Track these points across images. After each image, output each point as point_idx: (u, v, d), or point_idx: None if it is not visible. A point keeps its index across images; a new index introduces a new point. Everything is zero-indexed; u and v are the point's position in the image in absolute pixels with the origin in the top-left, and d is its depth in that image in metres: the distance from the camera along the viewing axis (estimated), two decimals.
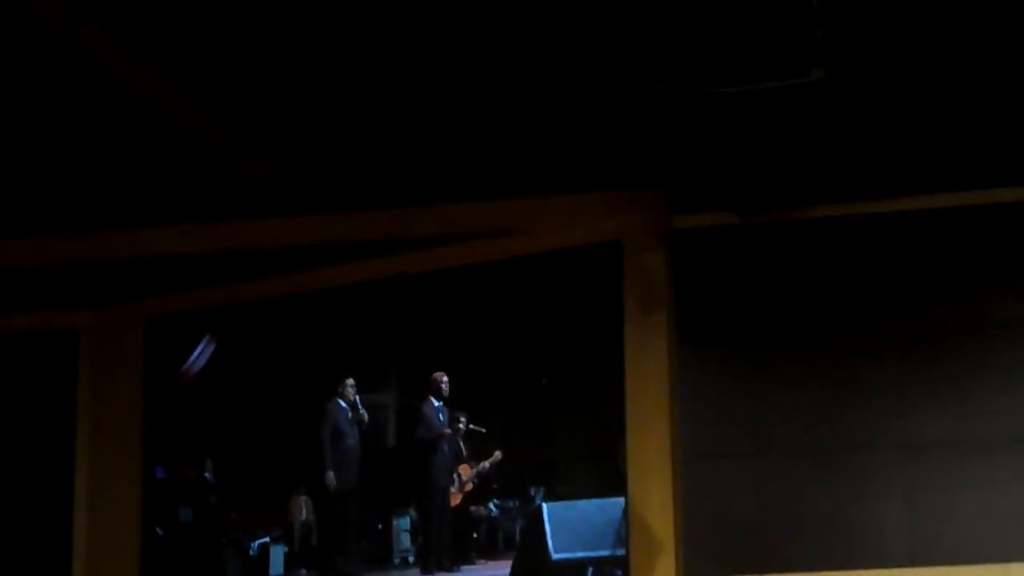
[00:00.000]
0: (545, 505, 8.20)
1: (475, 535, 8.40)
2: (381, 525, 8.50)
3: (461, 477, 8.39)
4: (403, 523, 8.48)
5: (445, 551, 8.39)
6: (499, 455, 8.33)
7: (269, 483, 8.63)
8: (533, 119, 7.72)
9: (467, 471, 8.39)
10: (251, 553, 8.60)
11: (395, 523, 8.48)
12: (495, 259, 8.25)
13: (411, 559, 8.43)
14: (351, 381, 8.48)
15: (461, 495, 8.40)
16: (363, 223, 8.35)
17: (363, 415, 8.48)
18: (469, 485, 8.39)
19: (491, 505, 8.38)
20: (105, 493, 8.58)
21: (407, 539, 8.46)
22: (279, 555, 8.56)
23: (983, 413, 7.64)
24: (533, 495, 8.28)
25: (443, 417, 8.43)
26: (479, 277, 8.28)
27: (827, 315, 7.87)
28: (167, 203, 8.46)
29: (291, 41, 7.00)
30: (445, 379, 8.42)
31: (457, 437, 8.41)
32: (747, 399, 7.87)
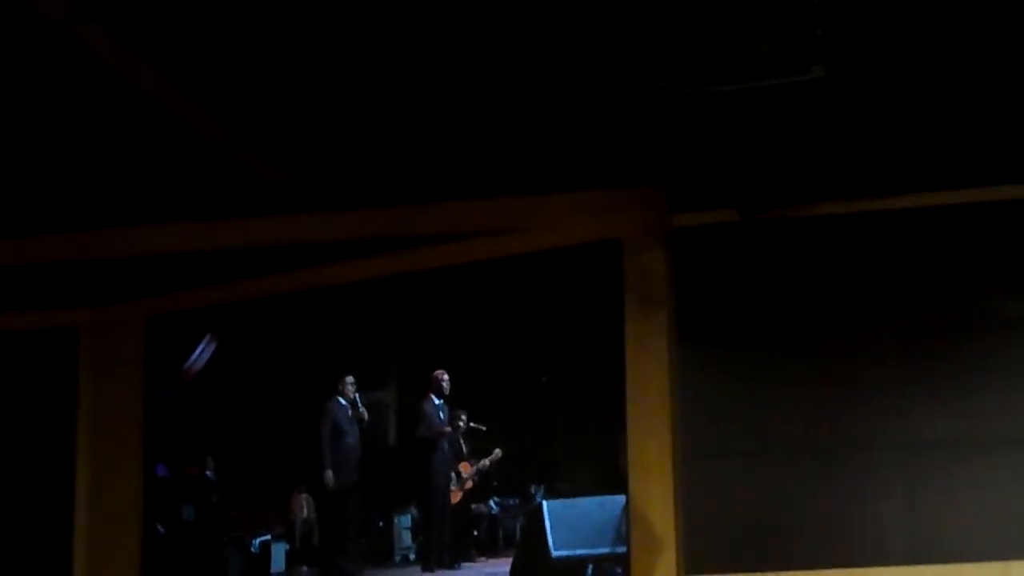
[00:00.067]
0: (545, 503, 8.21)
1: (476, 532, 8.41)
2: (382, 523, 8.50)
3: (461, 475, 8.39)
4: (404, 521, 8.49)
5: (446, 548, 8.39)
6: (499, 453, 8.33)
7: (271, 481, 8.64)
8: (533, 118, 7.71)
9: (467, 469, 8.39)
10: (253, 551, 8.61)
11: (396, 521, 8.49)
12: (495, 257, 8.25)
13: (412, 556, 8.44)
14: (351, 379, 8.48)
15: (461, 493, 8.41)
16: (363, 221, 8.35)
17: (363, 413, 8.48)
18: (469, 483, 8.39)
19: (491, 503, 8.38)
20: (106, 491, 8.60)
21: (408, 537, 8.47)
22: (281, 553, 8.57)
23: (983, 413, 7.64)
24: (533, 493, 8.28)
25: (443, 415, 8.44)
26: (479, 275, 8.29)
27: (827, 314, 7.87)
28: (168, 201, 8.47)
29: (292, 40, 6.99)
30: (446, 377, 8.43)
31: (457, 435, 8.41)
32: (747, 398, 7.87)
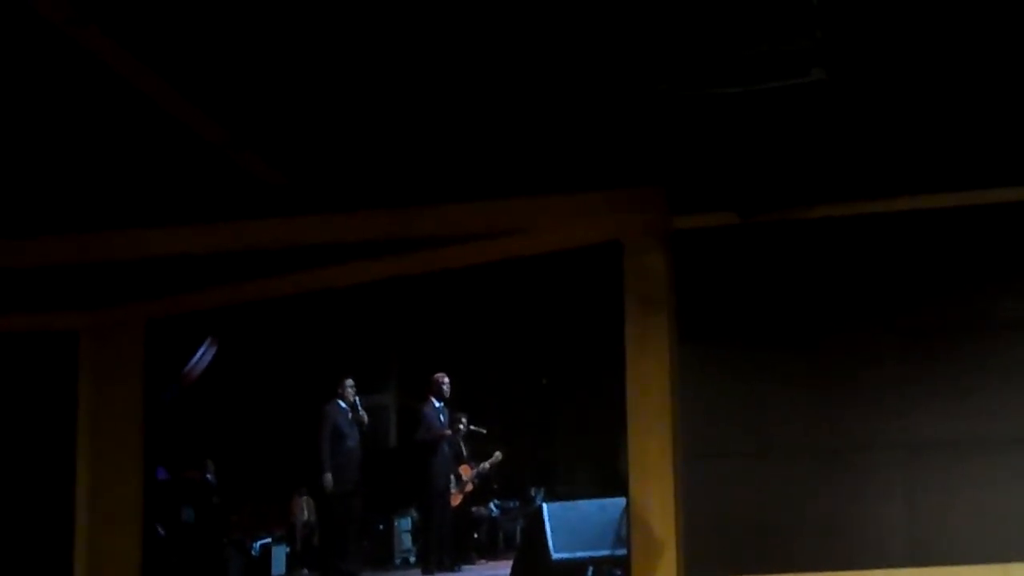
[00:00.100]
0: (545, 505, 8.20)
1: (476, 535, 8.41)
2: (382, 525, 8.50)
3: (462, 478, 8.38)
4: (404, 523, 8.49)
5: (446, 551, 8.39)
6: (499, 456, 8.33)
7: (271, 484, 8.64)
8: (533, 119, 7.69)
9: (467, 472, 8.39)
10: (253, 553, 8.61)
11: (396, 523, 8.49)
12: (495, 259, 8.24)
13: (412, 559, 8.44)
14: (350, 382, 8.48)
15: (462, 495, 8.40)
16: (363, 223, 8.33)
17: (363, 416, 8.47)
18: (469, 486, 8.39)
19: (492, 505, 8.39)
20: (106, 493, 8.58)
21: (408, 539, 8.47)
22: (281, 555, 8.57)
23: (983, 413, 7.61)
24: (533, 495, 8.28)
25: (444, 418, 8.43)
26: (479, 278, 8.27)
27: (827, 315, 7.85)
28: (167, 204, 8.45)
29: (291, 42, 6.97)
30: (446, 380, 8.42)
31: (458, 438, 8.41)
32: (747, 399, 7.85)
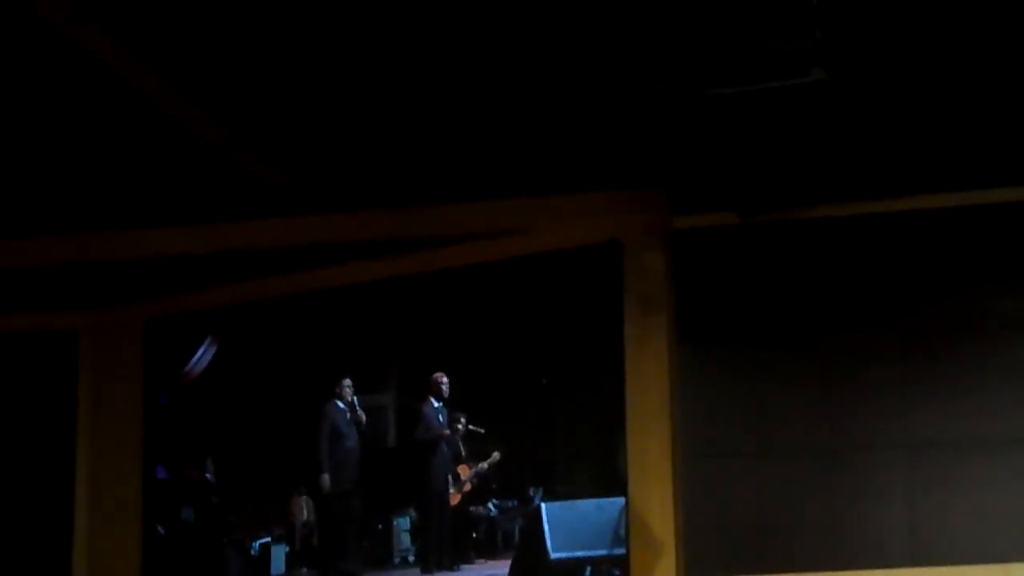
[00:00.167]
0: (544, 505, 8.17)
1: (474, 535, 8.38)
2: (381, 525, 8.48)
3: (460, 477, 8.36)
4: (403, 523, 8.47)
5: (445, 550, 8.37)
6: (497, 456, 8.31)
7: (270, 484, 8.61)
8: (532, 119, 7.67)
9: (466, 471, 8.38)
10: (253, 553, 8.59)
11: (395, 523, 8.47)
12: (495, 259, 8.20)
13: (411, 558, 8.42)
14: (348, 382, 8.45)
15: (460, 495, 8.39)
16: (363, 223, 8.30)
17: (361, 416, 8.44)
18: (468, 485, 8.38)
19: (490, 505, 8.37)
20: (105, 493, 8.55)
21: (407, 539, 8.45)
22: (280, 555, 8.55)
23: (983, 413, 7.57)
24: (532, 495, 8.25)
25: (442, 418, 8.41)
26: (479, 277, 8.24)
27: (827, 315, 7.82)
28: (167, 203, 8.42)
29: (291, 41, 6.94)
30: (445, 380, 8.39)
31: (456, 437, 8.39)
32: (747, 399, 7.82)
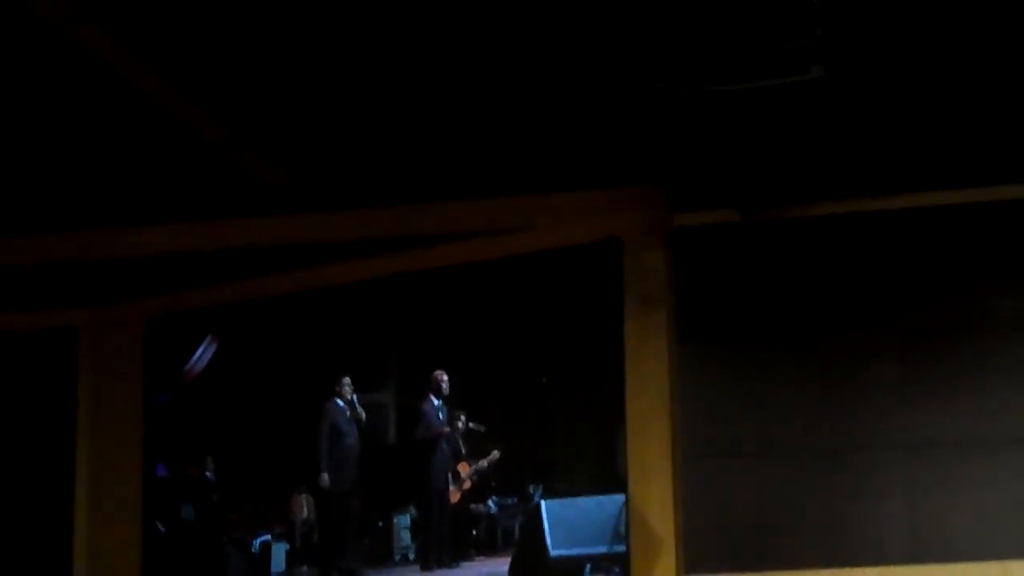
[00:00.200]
0: (544, 502, 8.15)
1: (474, 532, 8.37)
2: (382, 523, 8.47)
3: (460, 475, 8.35)
4: (403, 520, 8.46)
5: (445, 548, 8.35)
6: (497, 454, 8.29)
7: (271, 482, 8.59)
8: (533, 117, 7.64)
9: (465, 469, 8.36)
10: (253, 551, 8.57)
11: (395, 520, 8.46)
12: (495, 257, 8.18)
13: (411, 556, 8.41)
14: (347, 380, 8.43)
15: (460, 493, 8.37)
16: (363, 221, 8.28)
17: (361, 413, 8.42)
18: (468, 483, 8.36)
19: (490, 502, 8.35)
20: (105, 491, 8.53)
21: (407, 536, 8.45)
22: (281, 552, 8.53)
23: (983, 412, 7.57)
24: (532, 493, 8.23)
25: (443, 416, 8.39)
26: (479, 275, 8.22)
27: (827, 314, 7.81)
28: (167, 202, 8.40)
29: (291, 40, 6.91)
30: (445, 378, 8.37)
31: (456, 435, 8.37)
32: (747, 398, 7.81)
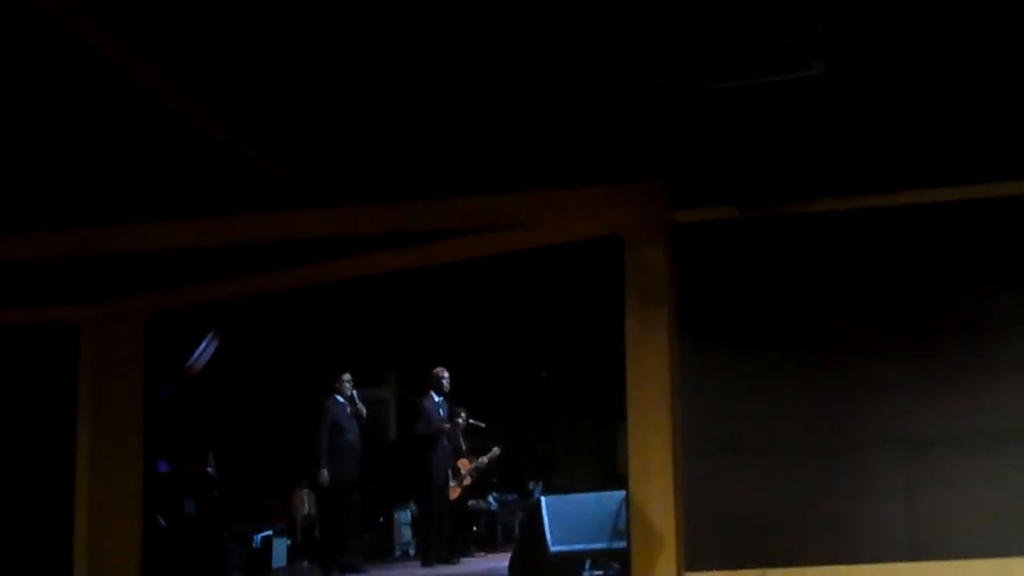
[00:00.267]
0: (544, 498, 8.14)
1: (475, 528, 8.38)
2: (382, 518, 8.48)
3: (460, 471, 8.33)
4: (404, 516, 8.47)
5: (445, 544, 8.36)
6: (497, 451, 8.29)
7: (272, 477, 8.59)
8: (534, 114, 7.59)
9: (466, 465, 8.35)
10: (254, 546, 8.57)
11: (396, 516, 8.48)
12: (496, 253, 8.16)
13: (412, 552, 8.42)
14: (347, 376, 8.43)
15: (460, 489, 8.36)
16: (365, 218, 8.25)
17: (361, 409, 8.42)
18: (468, 479, 8.35)
19: (490, 498, 8.36)
20: (106, 486, 8.52)
21: (408, 532, 8.45)
22: (282, 547, 8.54)
23: (984, 409, 7.54)
24: (532, 489, 8.24)
25: (443, 412, 8.39)
26: (480, 271, 8.20)
27: (828, 310, 7.78)
28: (169, 198, 8.36)
29: (294, 37, 6.86)
30: (445, 374, 8.38)
31: (457, 432, 8.36)
32: (748, 394, 7.77)
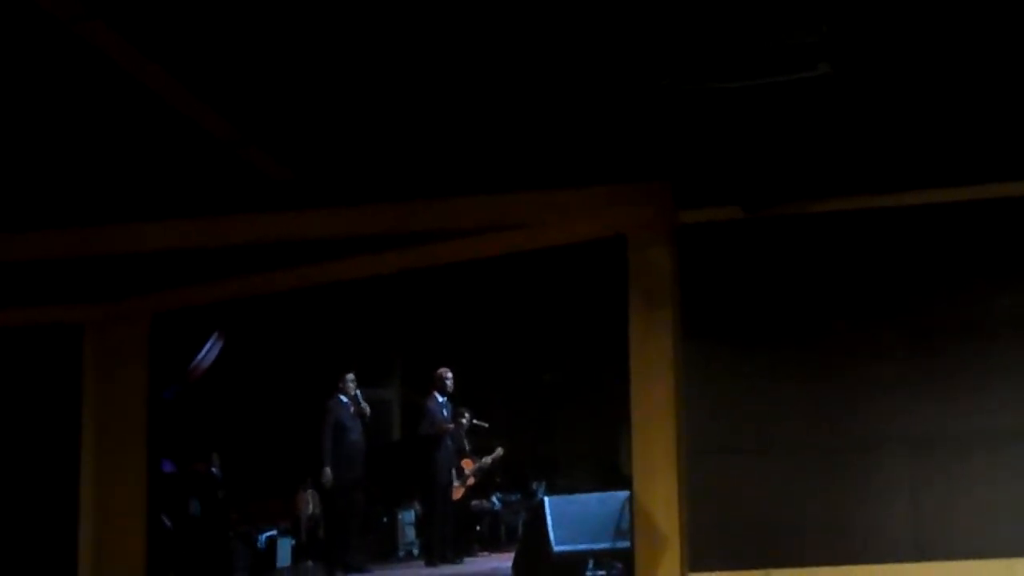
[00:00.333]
0: (547, 498, 8.11)
1: (478, 528, 8.35)
2: (386, 519, 8.45)
3: (464, 471, 8.30)
4: (407, 516, 8.44)
5: (449, 544, 8.33)
6: (501, 451, 8.25)
7: (276, 477, 8.56)
8: (538, 114, 7.56)
9: (469, 465, 8.32)
10: (259, 546, 8.54)
11: (400, 516, 8.44)
12: (500, 254, 8.12)
13: (415, 552, 8.39)
14: (351, 376, 8.39)
15: (464, 489, 8.33)
16: (368, 218, 8.21)
17: (365, 408, 8.38)
18: (471, 479, 8.31)
19: (494, 498, 8.33)
20: (110, 486, 8.47)
21: (412, 532, 8.42)
22: (286, 548, 8.51)
23: (987, 409, 7.49)
24: (535, 489, 8.21)
25: (447, 412, 8.35)
26: (484, 272, 8.16)
27: (832, 311, 7.73)
28: (173, 198, 8.32)
29: (297, 37, 6.83)
30: (449, 375, 8.34)
31: (460, 432, 8.33)
32: (752, 395, 7.72)
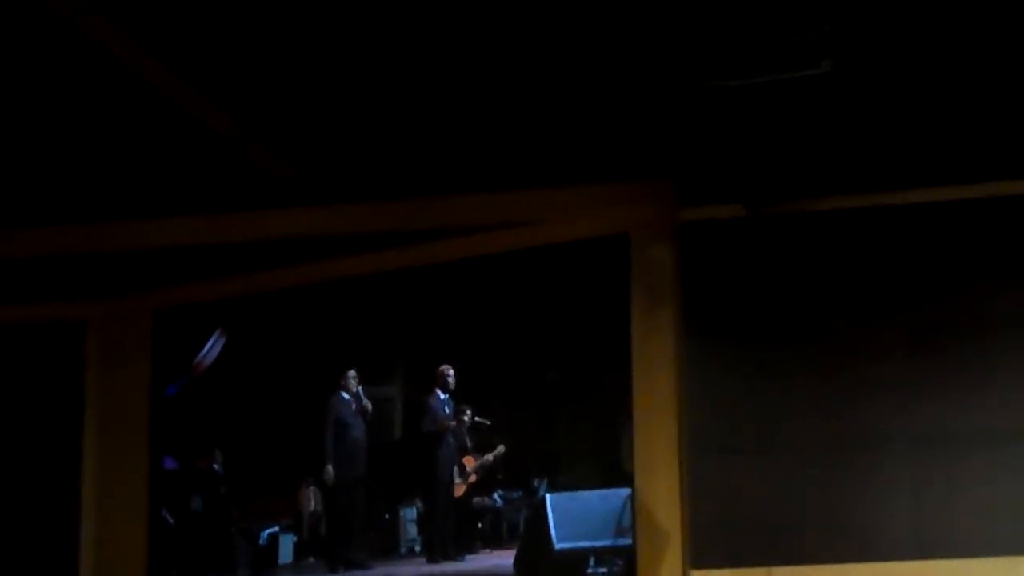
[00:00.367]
0: (548, 496, 8.10)
1: (480, 525, 8.35)
2: (388, 515, 8.44)
3: (465, 469, 8.29)
4: (409, 513, 8.43)
5: (450, 541, 8.31)
6: (502, 449, 8.24)
7: (279, 474, 8.56)
8: (541, 111, 7.55)
9: (471, 463, 8.31)
10: (261, 542, 8.54)
11: (402, 513, 8.44)
12: (502, 251, 8.10)
13: (417, 548, 8.38)
14: (352, 373, 8.39)
15: (465, 486, 8.31)
16: (371, 215, 8.20)
17: (366, 405, 8.38)
18: (473, 476, 8.30)
19: (495, 496, 8.32)
20: (112, 483, 8.45)
21: (413, 529, 8.42)
22: (288, 544, 8.52)
23: (989, 408, 7.46)
24: (537, 486, 8.19)
25: (449, 410, 8.34)
26: (486, 269, 8.14)
27: (834, 309, 7.70)
28: (176, 195, 8.32)
29: (300, 34, 6.84)
30: (451, 372, 8.33)
31: (462, 429, 8.31)
32: (754, 393, 7.69)
